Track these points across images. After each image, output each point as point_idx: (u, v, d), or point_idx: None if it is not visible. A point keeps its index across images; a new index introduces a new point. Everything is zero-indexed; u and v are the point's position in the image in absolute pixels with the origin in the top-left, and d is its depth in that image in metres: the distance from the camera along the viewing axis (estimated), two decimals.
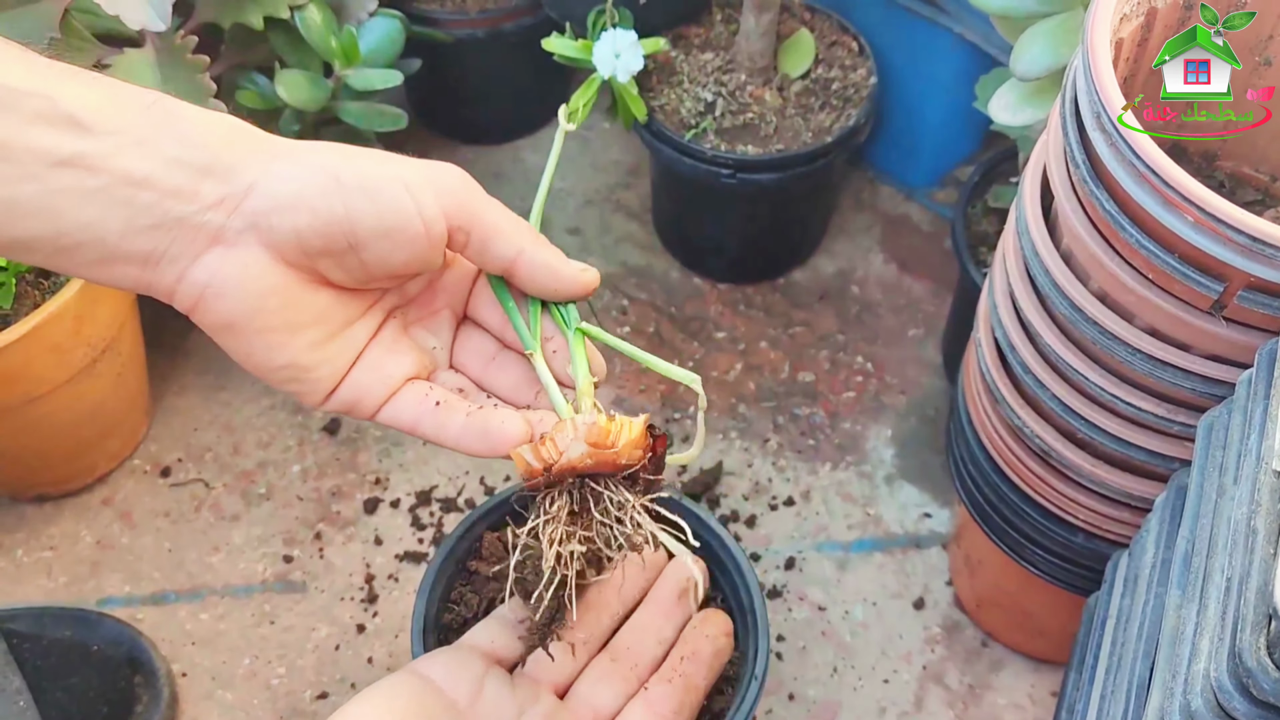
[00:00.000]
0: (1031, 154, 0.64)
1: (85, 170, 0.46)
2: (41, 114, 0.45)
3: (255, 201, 0.48)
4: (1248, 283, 0.50)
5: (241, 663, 0.87)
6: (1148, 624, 0.53)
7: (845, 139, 0.97)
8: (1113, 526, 0.67)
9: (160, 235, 0.48)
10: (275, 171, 0.49)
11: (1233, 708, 0.40)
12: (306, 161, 0.49)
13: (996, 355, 0.68)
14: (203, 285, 0.49)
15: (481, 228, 0.52)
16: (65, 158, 0.45)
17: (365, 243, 0.50)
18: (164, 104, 0.48)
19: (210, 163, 0.48)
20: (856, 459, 0.98)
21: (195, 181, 0.47)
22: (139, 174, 0.47)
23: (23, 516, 0.94)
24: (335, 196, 0.49)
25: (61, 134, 0.45)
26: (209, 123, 0.49)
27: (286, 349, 0.51)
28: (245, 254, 0.49)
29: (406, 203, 0.50)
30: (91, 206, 0.46)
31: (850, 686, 0.86)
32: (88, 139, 0.46)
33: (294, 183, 0.49)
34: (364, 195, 0.49)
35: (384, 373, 0.55)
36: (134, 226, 0.47)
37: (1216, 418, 0.52)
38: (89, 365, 0.84)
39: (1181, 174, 0.49)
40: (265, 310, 0.50)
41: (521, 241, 0.53)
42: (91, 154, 0.46)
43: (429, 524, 0.93)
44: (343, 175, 0.49)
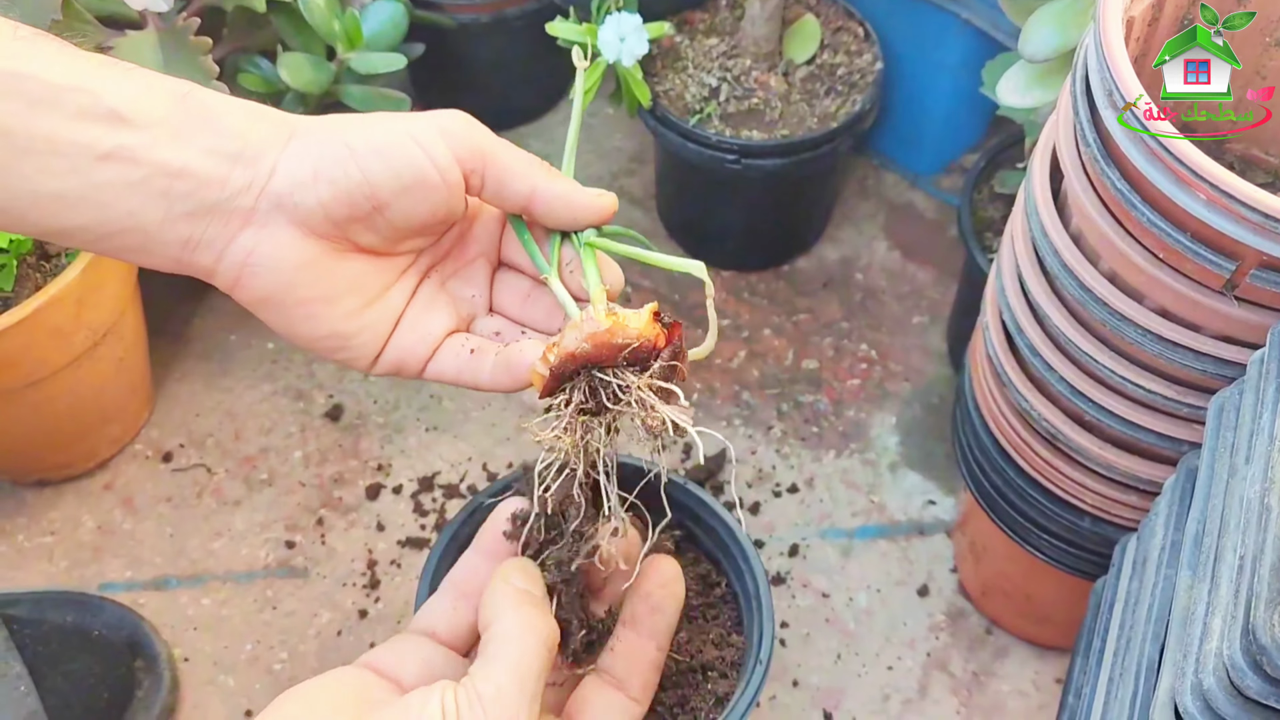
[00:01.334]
0: (1040, 135, 0.64)
1: (127, 163, 0.48)
2: (85, 109, 0.47)
3: (278, 182, 0.50)
4: (1260, 261, 0.50)
5: (243, 648, 0.86)
6: (1157, 606, 0.52)
7: (850, 125, 0.97)
8: (1120, 510, 0.67)
9: (197, 221, 0.50)
10: (292, 150, 0.50)
11: (1245, 686, 0.40)
12: (319, 135, 0.51)
13: (1004, 338, 0.68)
14: (240, 265, 0.51)
15: (495, 168, 0.53)
16: (108, 151, 0.47)
17: (388, 202, 0.51)
18: (196, 95, 0.50)
19: (239, 150, 0.49)
20: (860, 446, 0.97)
21: (226, 169, 0.49)
22: (176, 164, 0.48)
23: (23, 501, 0.93)
24: (350, 164, 0.50)
25: (104, 128, 0.47)
26: (236, 111, 0.50)
27: (325, 319, 0.53)
28: (276, 232, 0.51)
29: (418, 155, 0.51)
30: (134, 197, 0.48)
31: (854, 673, 0.86)
32: (129, 132, 0.47)
33: (309, 158, 0.50)
34: (377, 157, 0.50)
35: (424, 331, 0.56)
36: (173, 214, 0.49)
37: (1228, 398, 0.51)
38: (90, 349, 0.84)
39: (1195, 151, 0.49)
40: (300, 283, 0.52)
41: (534, 177, 0.54)
42: (133, 146, 0.48)
43: (431, 510, 0.93)
44: (353, 142, 0.50)
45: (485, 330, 0.58)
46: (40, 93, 0.47)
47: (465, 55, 1.11)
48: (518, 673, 0.51)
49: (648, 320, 0.53)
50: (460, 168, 0.52)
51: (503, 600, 0.54)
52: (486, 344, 0.57)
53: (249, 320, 1.02)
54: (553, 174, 0.55)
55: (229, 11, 0.89)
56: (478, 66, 1.12)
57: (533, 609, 0.53)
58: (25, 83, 0.46)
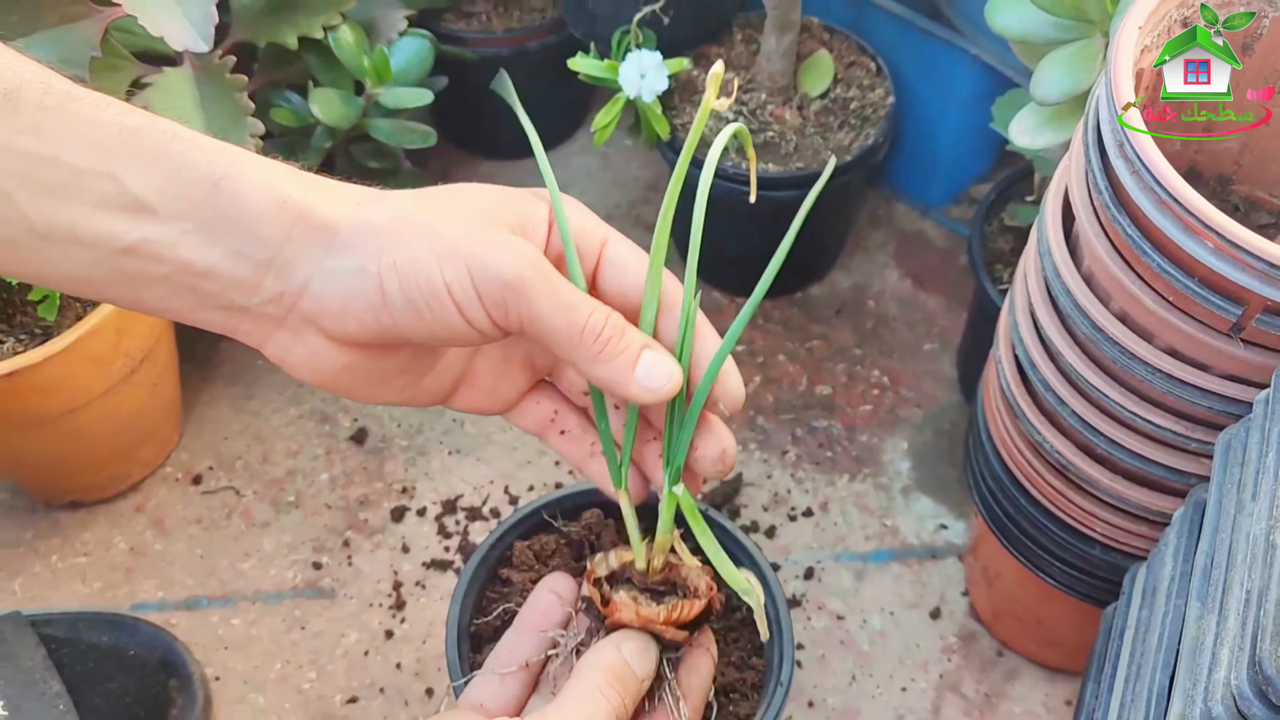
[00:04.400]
0: (1053, 177, 0.66)
1: (150, 259, 0.46)
2: (107, 198, 0.45)
3: (307, 304, 0.48)
4: (1265, 306, 0.52)
5: (273, 667, 0.89)
6: (1167, 634, 0.55)
7: (864, 157, 0.99)
8: (1130, 540, 0.69)
9: (230, 316, 0.49)
10: (326, 270, 0.47)
11: (1252, 714, 0.42)
12: (354, 258, 0.47)
13: (1017, 372, 0.70)
14: (280, 359, 0.51)
15: (534, 331, 0.48)
16: (130, 245, 0.46)
17: (423, 344, 0.50)
18: (226, 186, 0.47)
19: (270, 257, 0.47)
20: (873, 471, 0.99)
21: (257, 275, 0.47)
22: (202, 265, 0.47)
23: (57, 523, 0.96)
24: (381, 311, 0.47)
25: (127, 220, 0.45)
26: (269, 210, 0.47)
27: (377, 398, 0.53)
28: (310, 341, 0.49)
29: (455, 319, 0.48)
30: (160, 289, 0.47)
31: (869, 694, 0.88)
32: (152, 224, 0.46)
33: (339, 290, 0.47)
34: (409, 308, 0.47)
35: (493, 390, 0.56)
36: (204, 307, 0.48)
37: (1234, 436, 0.54)
38: (127, 376, 0.86)
39: (1201, 201, 0.51)
40: (341, 381, 0.51)
41: (574, 355, 0.49)
42: (156, 241, 0.46)
43: (455, 532, 0.95)
44: (388, 286, 0.47)
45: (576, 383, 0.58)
46: (62, 179, 0.45)
47: (487, 88, 1.13)
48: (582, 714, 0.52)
49: (697, 614, 0.59)
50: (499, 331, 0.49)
51: (592, 667, 0.55)
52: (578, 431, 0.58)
53: None
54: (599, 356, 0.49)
55: (261, 48, 0.92)
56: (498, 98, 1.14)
57: (616, 681, 0.54)
58: (46, 167, 0.44)
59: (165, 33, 0.78)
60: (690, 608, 0.59)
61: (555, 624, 0.62)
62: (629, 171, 1.19)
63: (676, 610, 0.59)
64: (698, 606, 0.59)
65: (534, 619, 0.63)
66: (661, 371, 0.50)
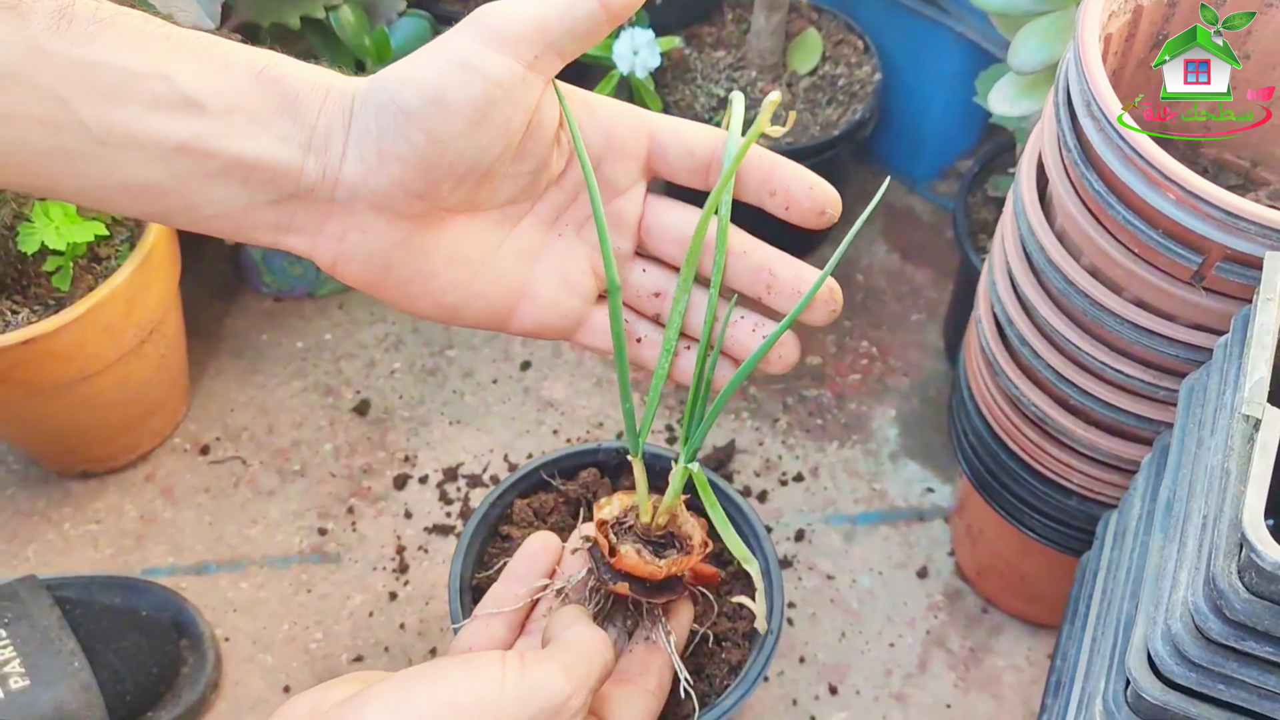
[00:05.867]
0: (1028, 142, 0.69)
1: (203, 154, 0.48)
2: (160, 97, 0.47)
3: (349, 170, 0.49)
4: (1224, 255, 0.55)
5: (281, 628, 0.91)
6: (1134, 569, 0.57)
7: (851, 133, 1.02)
8: (1104, 488, 0.72)
9: (282, 209, 0.50)
10: (354, 131, 0.49)
11: (1208, 628, 0.45)
12: (374, 105, 0.49)
13: (995, 329, 0.73)
14: (333, 252, 0.51)
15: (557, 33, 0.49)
16: (183, 141, 0.47)
17: (464, 149, 0.49)
18: (271, 70, 0.48)
19: (310, 137, 0.49)
20: (862, 437, 1.02)
21: (300, 158, 0.49)
22: (251, 156, 0.48)
23: (69, 492, 0.98)
24: (411, 130, 0.48)
25: (179, 117, 0.47)
26: (305, 89, 0.49)
27: (427, 296, 0.53)
28: (361, 219, 0.50)
29: (475, 84, 0.48)
30: (214, 186, 0.49)
31: (858, 650, 0.91)
32: (203, 119, 0.47)
33: (370, 138, 0.48)
34: (436, 109, 0.48)
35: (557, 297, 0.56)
36: (256, 202, 0.49)
37: (1197, 380, 0.57)
38: (137, 346, 0.89)
39: (1164, 155, 0.54)
40: (395, 264, 0.52)
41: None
42: (207, 135, 0.47)
43: (456, 499, 0.98)
44: (407, 102, 0.48)
45: (643, 288, 0.58)
46: (115, 82, 0.46)
47: None
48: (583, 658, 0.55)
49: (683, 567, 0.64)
50: (518, 60, 0.49)
51: (574, 616, 0.59)
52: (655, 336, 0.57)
53: (279, 320, 1.08)
54: None
55: (264, 28, 0.94)
56: None
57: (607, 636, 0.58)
58: (101, 72, 0.46)
59: (173, 10, 0.81)
60: (686, 562, 0.64)
61: (541, 574, 0.66)
62: None
63: (675, 565, 0.63)
64: (695, 559, 0.64)
65: (520, 570, 0.66)
66: None
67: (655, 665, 0.64)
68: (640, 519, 0.64)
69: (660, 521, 0.64)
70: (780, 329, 0.57)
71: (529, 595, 0.66)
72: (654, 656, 0.64)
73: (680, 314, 0.57)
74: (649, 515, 0.63)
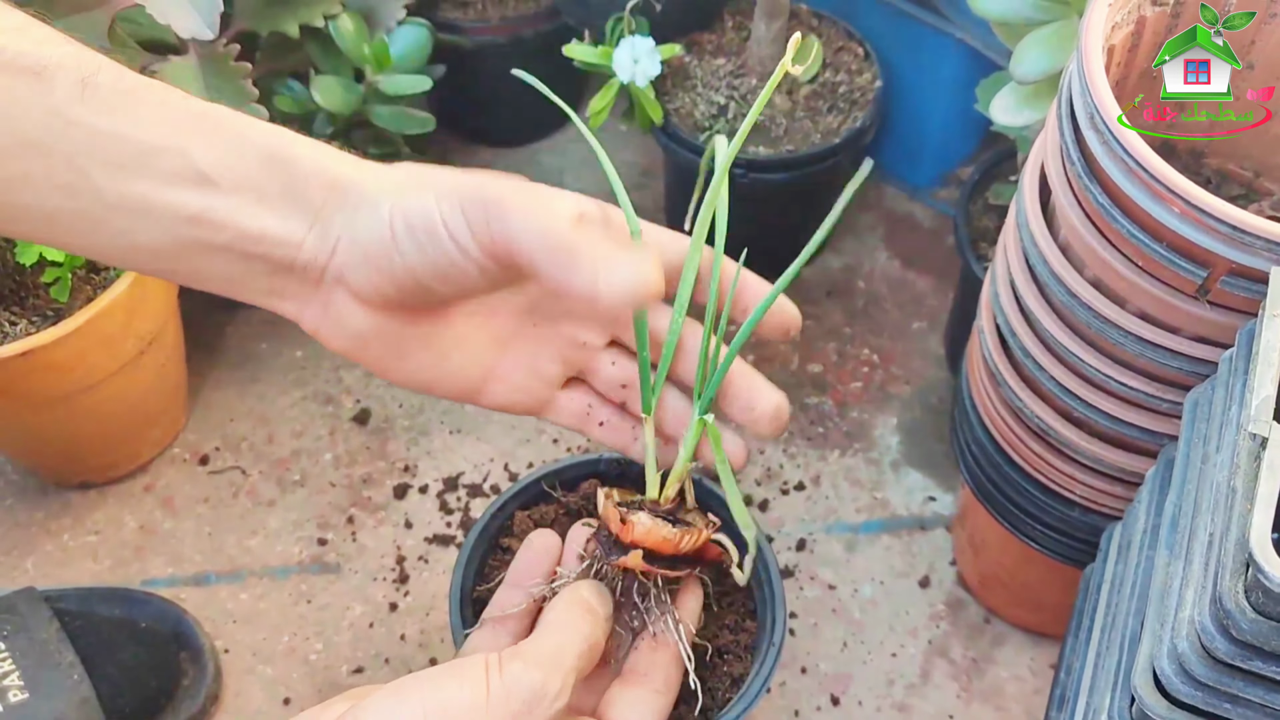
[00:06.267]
0: (1030, 152, 0.69)
1: (211, 226, 0.50)
2: (177, 172, 0.49)
3: (338, 259, 0.52)
4: (1229, 269, 0.54)
5: (281, 639, 0.91)
6: (1139, 584, 0.57)
7: (852, 140, 1.01)
8: (1107, 500, 0.72)
9: (276, 279, 0.53)
10: (352, 225, 0.51)
11: (1214, 648, 0.44)
12: (368, 211, 0.51)
13: (998, 340, 0.72)
14: (317, 320, 0.54)
15: (514, 249, 0.48)
16: (194, 214, 0.50)
17: (431, 285, 0.51)
18: (280, 155, 0.51)
19: (313, 216, 0.51)
20: (864, 446, 1.02)
21: (301, 232, 0.51)
22: (256, 230, 0.51)
23: (68, 503, 0.98)
24: (392, 251, 0.50)
25: (192, 191, 0.49)
26: (315, 175, 0.51)
27: (402, 372, 0.56)
28: (341, 303, 0.53)
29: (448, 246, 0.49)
30: (217, 258, 0.51)
31: (860, 660, 0.90)
32: (215, 195, 0.50)
33: (360, 241, 0.51)
34: (412, 243, 0.50)
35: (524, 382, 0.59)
36: (253, 271, 0.52)
37: (1201, 394, 0.56)
38: (136, 357, 0.88)
39: (1168, 169, 0.54)
40: (369, 348, 0.54)
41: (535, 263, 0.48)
42: (217, 209, 0.50)
43: (456, 508, 0.98)
44: (395, 224, 0.50)
45: (612, 380, 0.61)
46: (134, 155, 0.48)
47: (484, 75, 1.15)
48: (555, 642, 0.54)
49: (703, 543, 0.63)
50: (489, 260, 0.49)
51: (563, 601, 0.58)
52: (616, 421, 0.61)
53: (278, 329, 1.08)
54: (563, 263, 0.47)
55: (263, 36, 0.94)
56: (495, 85, 1.17)
57: (587, 613, 0.57)
58: (120, 144, 0.48)
59: (172, 21, 0.81)
60: (698, 536, 0.62)
61: (541, 575, 0.65)
62: (623, 156, 1.22)
63: (688, 536, 0.61)
64: (704, 537, 0.63)
65: (521, 573, 0.65)
66: (624, 272, 0.46)
67: (662, 663, 0.62)
68: (648, 496, 0.63)
69: (670, 493, 0.63)
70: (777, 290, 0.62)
71: (531, 598, 0.65)
72: (661, 654, 0.63)
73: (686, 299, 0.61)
74: (656, 489, 0.63)
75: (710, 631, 0.73)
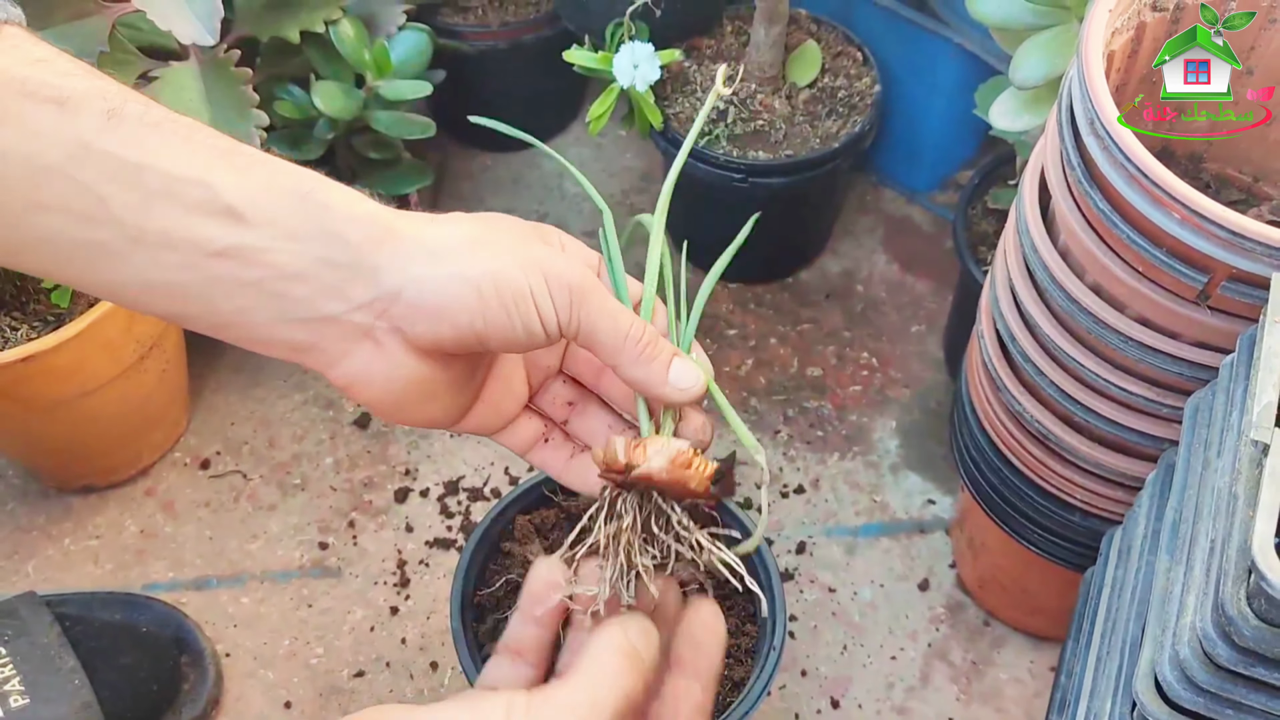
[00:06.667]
0: (1030, 157, 0.69)
1: (241, 262, 0.48)
2: (201, 203, 0.47)
3: (401, 309, 0.50)
4: (1230, 274, 0.55)
5: (282, 643, 0.91)
6: (1140, 588, 0.57)
7: (851, 145, 1.02)
8: (1107, 505, 0.72)
9: (310, 329, 0.50)
10: (418, 278, 0.50)
11: (1216, 654, 0.44)
12: (445, 268, 0.50)
13: (998, 345, 0.73)
14: (353, 376, 0.52)
15: (588, 333, 0.53)
16: (222, 249, 0.48)
17: (492, 343, 0.52)
18: (316, 195, 0.49)
19: (358, 262, 0.49)
20: (863, 449, 1.02)
21: (345, 282, 0.49)
22: (292, 270, 0.49)
23: (70, 507, 0.98)
24: (477, 312, 0.50)
25: (220, 225, 0.47)
26: (356, 217, 0.50)
27: (421, 416, 0.56)
28: (391, 352, 0.52)
29: (534, 320, 0.51)
30: (245, 296, 0.49)
31: (860, 663, 0.91)
32: (244, 231, 0.48)
33: (438, 295, 0.50)
34: (501, 312, 0.51)
35: (500, 409, 0.59)
36: (284, 318, 0.50)
37: (1202, 399, 0.57)
38: (137, 362, 0.89)
39: (1168, 174, 0.54)
40: (407, 395, 0.54)
41: (617, 358, 0.54)
42: (247, 247, 0.48)
43: (457, 512, 0.98)
44: (484, 289, 0.50)
45: (558, 398, 0.61)
46: (158, 185, 0.46)
47: (484, 80, 1.16)
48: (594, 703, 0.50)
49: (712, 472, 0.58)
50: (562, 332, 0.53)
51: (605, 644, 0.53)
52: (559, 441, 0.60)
53: None
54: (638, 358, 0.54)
55: (264, 42, 0.94)
56: (495, 90, 1.17)
57: (630, 663, 0.52)
58: (145, 174, 0.46)
59: (173, 26, 0.81)
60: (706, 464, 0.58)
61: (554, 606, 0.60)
62: (623, 161, 1.22)
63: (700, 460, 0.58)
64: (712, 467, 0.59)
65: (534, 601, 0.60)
66: (691, 374, 0.55)
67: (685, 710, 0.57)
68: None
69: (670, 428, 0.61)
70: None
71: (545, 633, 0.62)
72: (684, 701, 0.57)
73: None
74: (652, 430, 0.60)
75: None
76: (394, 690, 0.89)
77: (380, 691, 0.89)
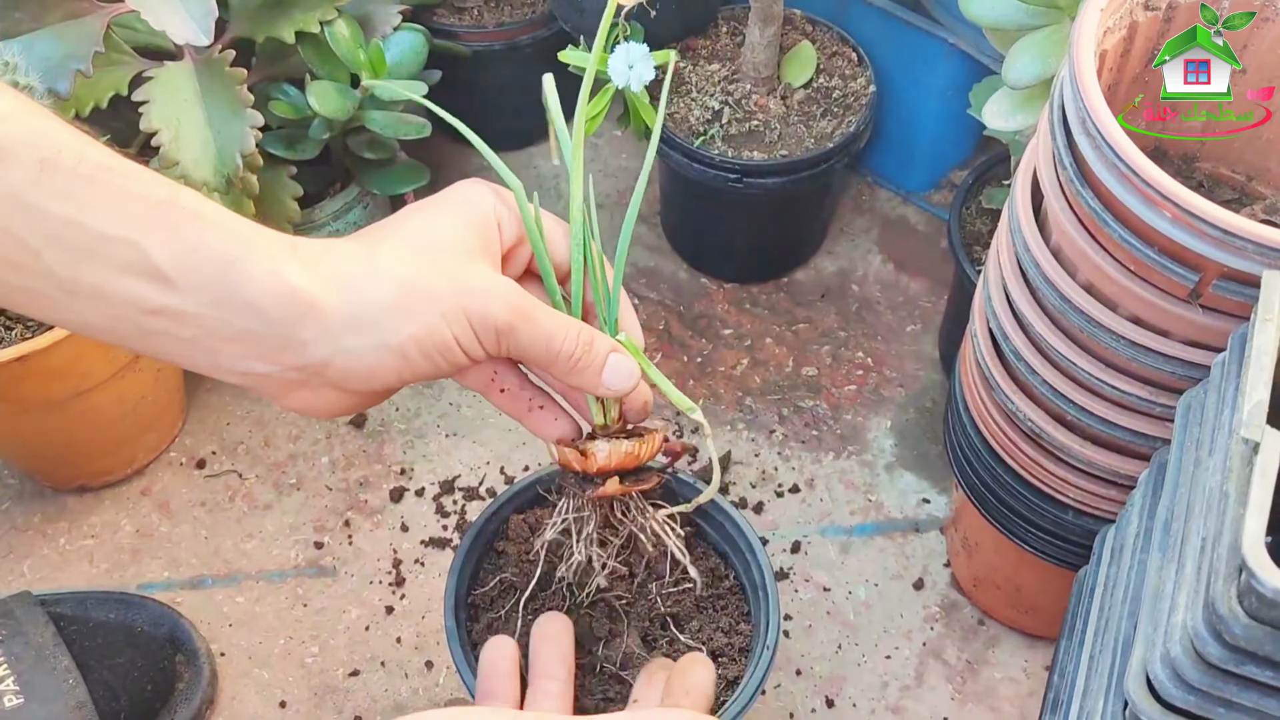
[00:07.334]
0: (1023, 157, 0.69)
1: (174, 321, 0.50)
2: (131, 264, 0.48)
3: (333, 373, 0.54)
4: (1221, 273, 0.55)
5: (277, 643, 0.91)
6: (1132, 587, 0.57)
7: (846, 145, 1.02)
8: (1100, 503, 0.72)
9: (249, 379, 0.54)
10: (345, 349, 0.53)
11: (1208, 652, 0.44)
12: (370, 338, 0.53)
13: (991, 344, 0.73)
14: (298, 408, 0.56)
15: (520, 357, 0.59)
16: (155, 309, 0.49)
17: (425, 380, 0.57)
18: (243, 265, 0.50)
19: (285, 337, 0.52)
20: (858, 448, 1.02)
21: (274, 350, 0.52)
22: (223, 335, 0.51)
23: (65, 507, 0.98)
24: (404, 371, 0.55)
25: (150, 286, 0.49)
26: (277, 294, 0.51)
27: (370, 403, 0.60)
28: (328, 395, 0.56)
29: (462, 360, 0.56)
30: (184, 349, 0.51)
31: (854, 662, 0.91)
32: (173, 294, 0.49)
33: (367, 363, 0.54)
34: (428, 364, 0.55)
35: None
36: (222, 368, 0.53)
37: (1194, 397, 0.57)
38: (132, 361, 0.89)
39: (1160, 173, 0.54)
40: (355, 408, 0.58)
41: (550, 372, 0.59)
42: (177, 308, 0.50)
43: (452, 511, 0.98)
44: (409, 353, 0.54)
45: None
46: (88, 243, 0.47)
47: (479, 81, 1.16)
48: None
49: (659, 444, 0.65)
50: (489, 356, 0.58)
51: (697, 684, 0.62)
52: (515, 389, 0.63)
53: None
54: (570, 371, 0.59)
55: (259, 42, 0.94)
56: (490, 91, 1.17)
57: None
58: (75, 232, 0.47)
59: (167, 27, 0.81)
60: (655, 440, 0.65)
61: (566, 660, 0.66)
62: (618, 161, 1.22)
63: (646, 444, 0.64)
64: (659, 438, 0.65)
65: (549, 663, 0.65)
66: (624, 372, 0.60)
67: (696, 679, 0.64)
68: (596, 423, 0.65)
69: (614, 415, 0.65)
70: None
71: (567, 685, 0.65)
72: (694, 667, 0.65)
73: None
74: (601, 415, 0.65)
75: (705, 634, 0.74)
76: (389, 690, 0.89)
77: (375, 691, 0.89)
